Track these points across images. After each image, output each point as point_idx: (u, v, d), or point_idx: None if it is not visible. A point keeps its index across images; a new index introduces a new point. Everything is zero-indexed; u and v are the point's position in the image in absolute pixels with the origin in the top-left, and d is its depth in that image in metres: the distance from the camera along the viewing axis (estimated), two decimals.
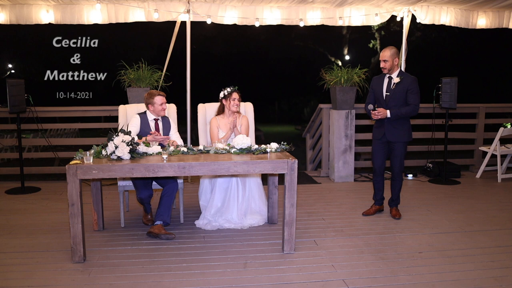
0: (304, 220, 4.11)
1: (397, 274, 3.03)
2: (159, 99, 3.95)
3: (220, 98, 4.26)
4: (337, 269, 3.10)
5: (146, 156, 3.39)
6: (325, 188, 5.42)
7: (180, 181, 3.98)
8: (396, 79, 4.03)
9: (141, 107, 4.36)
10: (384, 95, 4.08)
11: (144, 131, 3.94)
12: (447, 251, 3.42)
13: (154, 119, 4.02)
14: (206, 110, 4.50)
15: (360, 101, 6.59)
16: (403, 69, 5.93)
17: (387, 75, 4.07)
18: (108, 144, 3.25)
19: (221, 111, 4.29)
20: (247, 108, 4.51)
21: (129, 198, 4.51)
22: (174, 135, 4.13)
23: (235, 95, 4.19)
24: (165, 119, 4.14)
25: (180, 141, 4.07)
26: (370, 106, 4.09)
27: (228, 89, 4.21)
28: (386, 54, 3.99)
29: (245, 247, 3.46)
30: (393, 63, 3.99)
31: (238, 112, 4.30)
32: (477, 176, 5.92)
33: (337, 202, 4.79)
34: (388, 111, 4.01)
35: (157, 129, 4.01)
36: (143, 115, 4.02)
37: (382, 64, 4.03)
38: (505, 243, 3.59)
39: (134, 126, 3.91)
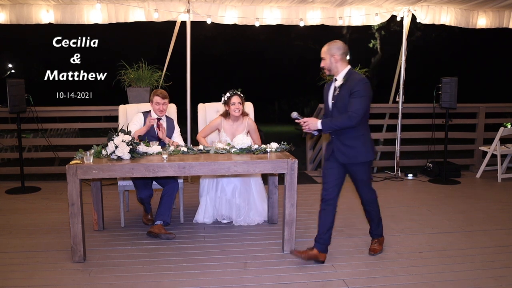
0: (304, 220, 4.11)
1: (397, 274, 3.03)
2: (156, 99, 3.96)
3: (222, 103, 4.13)
4: (337, 269, 3.10)
5: (146, 156, 3.39)
6: None
7: (180, 181, 3.99)
8: (339, 81, 3.12)
9: (141, 107, 4.37)
10: (330, 104, 3.17)
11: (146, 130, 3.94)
12: (447, 251, 3.42)
13: (157, 118, 4.02)
14: (206, 110, 4.50)
15: None
16: (402, 69, 5.91)
17: (334, 78, 3.20)
18: (108, 144, 3.25)
19: (226, 114, 4.13)
20: (247, 108, 4.50)
21: (129, 198, 4.51)
22: (177, 138, 4.13)
23: (235, 99, 4.01)
24: (170, 120, 4.13)
25: (182, 144, 4.06)
26: (294, 114, 3.20)
27: (228, 94, 4.04)
28: (323, 50, 3.14)
29: (245, 247, 3.46)
30: (331, 60, 3.11)
31: (244, 114, 4.17)
32: (477, 176, 5.92)
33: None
34: (318, 122, 3.10)
35: (159, 128, 4.01)
36: (147, 114, 4.01)
37: (321, 64, 3.18)
38: (505, 243, 3.59)
39: (136, 124, 3.91)
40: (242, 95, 4.10)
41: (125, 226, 3.93)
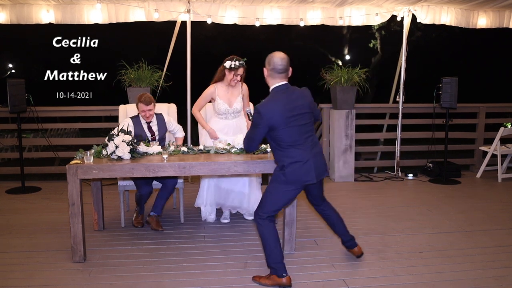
0: (304, 220, 4.11)
1: (397, 274, 3.03)
2: (140, 107, 3.83)
3: (223, 65, 3.96)
4: (337, 269, 3.10)
5: (147, 155, 3.39)
6: (325, 188, 5.39)
7: (180, 180, 3.99)
8: None
9: None
10: None
11: (137, 134, 3.83)
12: (447, 251, 3.42)
13: (146, 122, 3.94)
14: (206, 110, 4.49)
15: (360, 101, 6.59)
16: (403, 69, 5.90)
17: None
18: (109, 144, 3.25)
19: (220, 78, 4.01)
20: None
21: (129, 198, 4.51)
22: (178, 133, 4.18)
23: (241, 71, 3.90)
24: (159, 117, 4.01)
25: (182, 133, 4.23)
26: (248, 110, 3.35)
27: (237, 63, 3.88)
28: None
29: (245, 247, 3.46)
30: (265, 74, 2.92)
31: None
32: (478, 176, 5.92)
33: (337, 202, 4.77)
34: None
35: (151, 131, 3.94)
36: (135, 119, 3.91)
37: None
38: (505, 243, 3.59)
39: None
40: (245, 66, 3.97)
41: (125, 226, 3.93)
